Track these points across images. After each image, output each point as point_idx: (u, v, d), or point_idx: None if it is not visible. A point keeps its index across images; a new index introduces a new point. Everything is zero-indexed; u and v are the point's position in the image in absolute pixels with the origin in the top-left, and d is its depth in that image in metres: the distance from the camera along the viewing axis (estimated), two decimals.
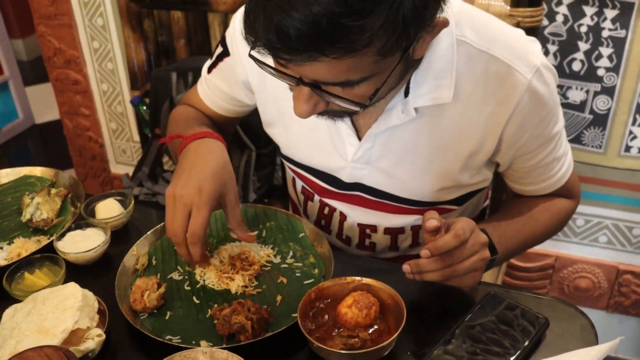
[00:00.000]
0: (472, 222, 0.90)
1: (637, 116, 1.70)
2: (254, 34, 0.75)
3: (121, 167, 2.42)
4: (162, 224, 1.10)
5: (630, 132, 1.72)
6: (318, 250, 1.05)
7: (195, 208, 0.94)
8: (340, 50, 0.72)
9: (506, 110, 0.95)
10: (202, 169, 0.98)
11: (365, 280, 0.91)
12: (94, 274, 1.06)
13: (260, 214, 1.13)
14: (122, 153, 2.39)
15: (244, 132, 1.74)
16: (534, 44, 0.97)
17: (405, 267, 0.90)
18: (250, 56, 0.83)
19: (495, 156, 1.03)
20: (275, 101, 1.10)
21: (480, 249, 0.90)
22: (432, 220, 0.87)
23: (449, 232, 0.87)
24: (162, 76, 1.76)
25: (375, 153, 1.03)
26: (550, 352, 0.82)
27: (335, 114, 0.89)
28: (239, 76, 1.13)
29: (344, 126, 1.02)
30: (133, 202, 1.16)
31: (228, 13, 1.72)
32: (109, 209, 1.15)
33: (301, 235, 1.08)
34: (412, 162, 1.03)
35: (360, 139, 1.03)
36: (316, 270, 1.01)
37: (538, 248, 1.97)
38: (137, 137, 2.30)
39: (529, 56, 0.94)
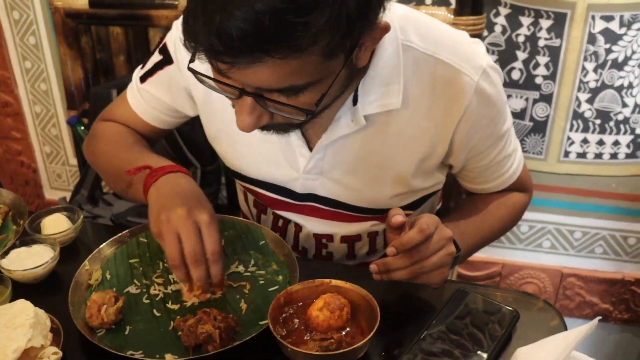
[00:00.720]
0: (435, 217, 0.90)
1: (574, 122, 1.76)
2: (194, 39, 0.73)
3: (56, 192, 2.32)
4: (116, 236, 1.06)
5: (569, 138, 1.78)
6: (280, 256, 1.02)
7: (206, 226, 0.90)
8: (284, 50, 0.70)
9: (455, 113, 0.95)
10: (193, 198, 0.95)
11: (335, 282, 0.89)
12: (43, 292, 1.00)
13: (218, 223, 1.10)
14: (57, 178, 2.29)
15: (188, 149, 1.70)
16: (478, 45, 0.98)
17: (373, 266, 0.88)
18: (190, 69, 0.79)
19: (447, 159, 1.04)
20: (221, 114, 1.06)
21: (446, 243, 0.90)
22: (397, 216, 0.86)
23: (413, 228, 0.86)
24: (102, 94, 1.70)
25: (327, 163, 1.02)
26: (524, 343, 0.83)
27: (279, 127, 0.87)
28: (182, 85, 1.08)
29: (294, 137, 1.00)
30: (81, 216, 1.10)
31: (169, 28, 1.68)
32: (57, 225, 1.09)
33: (261, 242, 1.05)
34: (365, 171, 1.02)
35: (311, 149, 1.01)
36: (280, 277, 0.98)
37: (485, 256, 2.00)
38: (73, 161, 2.21)
39: (474, 58, 0.95)
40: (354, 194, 1.05)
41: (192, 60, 0.79)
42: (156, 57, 1.11)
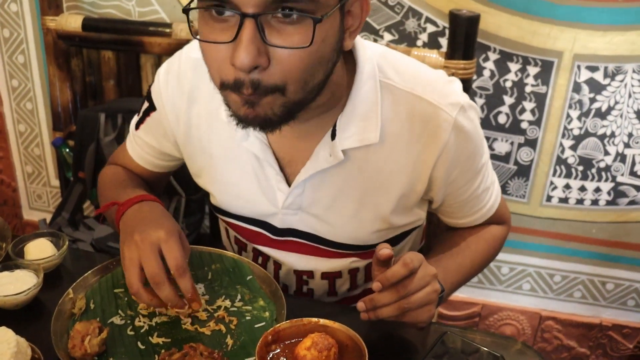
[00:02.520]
0: (419, 254, 0.91)
1: (558, 168, 1.79)
2: None
3: (35, 213, 2.29)
4: (98, 266, 1.04)
5: (551, 183, 1.81)
6: (267, 293, 1.02)
7: (164, 243, 0.91)
8: None
9: (434, 150, 0.96)
10: (152, 221, 0.95)
11: (323, 321, 0.88)
12: (24, 319, 0.97)
13: (206, 256, 1.09)
14: (37, 198, 2.26)
15: (174, 178, 1.70)
16: (454, 83, 1.00)
17: (360, 304, 0.89)
18: (185, 10, 0.80)
19: (427, 195, 1.04)
20: (202, 151, 1.07)
21: (430, 280, 0.90)
22: (385, 249, 0.87)
23: (397, 263, 0.87)
24: (90, 117, 1.69)
25: (306, 199, 1.02)
26: None
27: (270, 90, 0.81)
28: (167, 129, 1.10)
29: (272, 173, 1.01)
30: (67, 242, 1.09)
31: (162, 55, 1.69)
32: (41, 250, 1.07)
33: (249, 277, 1.05)
34: (344, 207, 1.02)
35: (289, 185, 1.01)
36: (267, 313, 0.97)
37: (465, 296, 2.01)
38: (54, 182, 2.19)
39: (451, 95, 0.97)
40: (333, 230, 1.05)
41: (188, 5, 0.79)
42: (145, 105, 1.13)
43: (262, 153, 0.99)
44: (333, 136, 0.95)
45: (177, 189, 1.70)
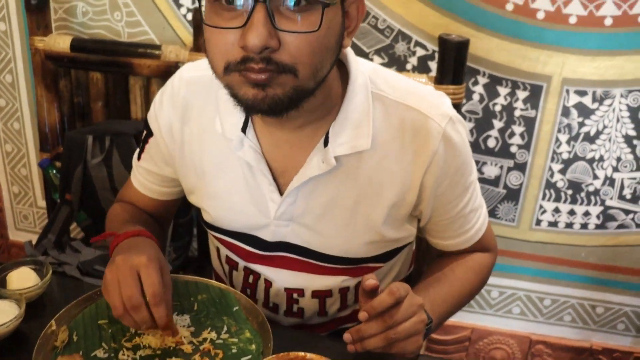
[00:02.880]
0: (405, 284, 0.91)
1: (547, 192, 1.79)
2: None
3: (21, 233, 2.26)
4: (84, 295, 1.03)
5: (541, 207, 1.81)
6: (253, 324, 1.00)
7: (144, 268, 0.90)
8: None
9: (424, 158, 0.98)
10: (138, 249, 0.96)
11: (310, 355, 0.87)
12: (5, 351, 0.95)
13: (192, 286, 1.08)
14: (23, 219, 2.24)
15: None
16: (444, 97, 1.03)
17: (347, 336, 0.89)
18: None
19: (416, 209, 1.05)
20: (194, 168, 1.08)
21: (417, 310, 0.91)
22: (371, 280, 0.88)
23: (383, 292, 0.87)
24: (77, 139, 1.68)
25: (298, 208, 1.02)
26: None
27: (281, 70, 0.83)
28: (164, 152, 1.12)
29: (265, 182, 1.01)
30: (50, 271, 1.07)
31: (151, 77, 1.68)
32: (23, 279, 1.06)
33: (235, 308, 1.03)
34: (336, 216, 1.02)
35: (282, 195, 1.02)
36: (253, 346, 0.96)
37: (455, 320, 1.99)
38: (41, 203, 2.16)
39: (441, 107, 1.00)
40: (325, 241, 1.05)
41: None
42: (144, 133, 1.16)
43: (255, 162, 1.00)
44: (326, 143, 0.96)
45: (172, 215, 1.68)
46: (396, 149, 0.98)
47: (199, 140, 1.06)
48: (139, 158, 1.19)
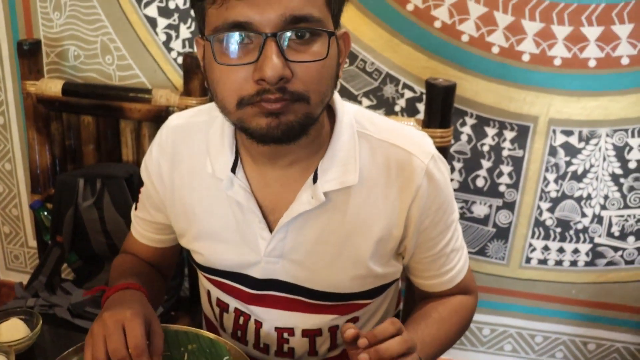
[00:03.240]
0: (398, 321, 0.91)
1: (536, 230, 1.80)
2: None
3: (12, 273, 2.26)
4: (76, 347, 1.02)
5: (530, 245, 1.82)
6: None
7: (128, 322, 0.92)
8: None
9: (409, 194, 1.02)
10: (125, 303, 0.98)
11: None
12: None
13: (182, 336, 1.08)
14: (14, 259, 2.23)
15: None
16: (426, 137, 1.08)
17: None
18: (203, 37, 0.90)
19: (402, 244, 1.07)
20: (184, 211, 1.11)
21: (412, 347, 0.91)
22: (350, 329, 0.89)
23: (385, 321, 0.89)
24: (68, 182, 1.69)
25: (288, 244, 1.04)
26: None
27: (295, 99, 0.88)
28: (156, 199, 1.15)
29: (255, 220, 1.03)
30: (40, 322, 1.07)
31: (141, 121, 1.70)
32: (13, 330, 1.06)
33: (225, 358, 1.03)
34: (325, 251, 1.05)
35: (271, 231, 1.04)
36: None
37: (446, 357, 1.99)
38: (32, 243, 2.16)
39: (423, 145, 1.05)
40: (314, 276, 1.07)
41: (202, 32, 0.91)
42: (139, 186, 1.20)
43: (245, 200, 1.02)
44: (315, 180, 0.99)
45: (175, 263, 1.69)
46: (382, 184, 1.02)
47: (189, 183, 1.09)
48: (136, 208, 1.22)
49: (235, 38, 0.85)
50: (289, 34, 0.85)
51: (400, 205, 1.02)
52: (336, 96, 1.03)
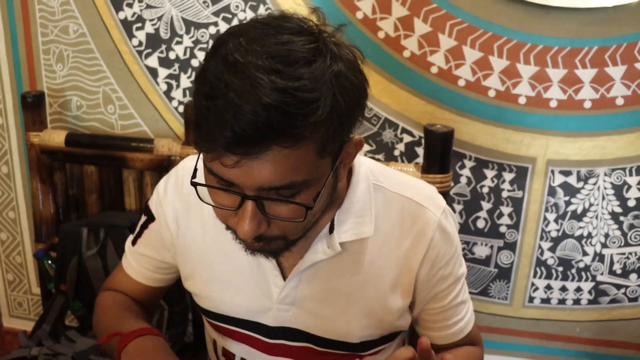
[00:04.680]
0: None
1: (538, 269, 1.81)
2: (208, 137, 0.80)
3: (16, 321, 2.26)
4: None
5: (532, 284, 1.83)
6: None
7: None
8: (288, 139, 0.79)
9: (422, 246, 1.05)
10: (157, 357, 0.99)
11: None
12: None
13: None
14: (17, 306, 2.24)
15: None
16: (435, 191, 1.12)
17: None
18: (193, 183, 0.89)
19: (413, 296, 1.09)
20: (197, 252, 1.12)
21: None
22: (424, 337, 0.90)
23: (400, 348, 0.90)
24: (72, 231, 1.70)
25: (300, 292, 1.06)
26: None
27: (272, 240, 0.92)
28: (166, 238, 1.15)
29: (269, 267, 1.05)
30: None
31: (143, 170, 1.72)
32: None
33: None
34: (337, 299, 1.06)
35: (285, 278, 1.06)
36: None
37: None
38: (35, 290, 2.17)
39: (435, 199, 1.08)
40: (325, 325, 1.08)
41: (194, 176, 0.90)
42: (142, 219, 1.19)
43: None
44: (331, 230, 1.01)
45: (160, 302, 1.69)
46: (396, 235, 1.04)
47: (202, 226, 1.10)
48: (133, 243, 1.21)
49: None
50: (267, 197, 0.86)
51: (413, 256, 1.05)
52: None
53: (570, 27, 1.56)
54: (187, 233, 1.12)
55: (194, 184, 0.90)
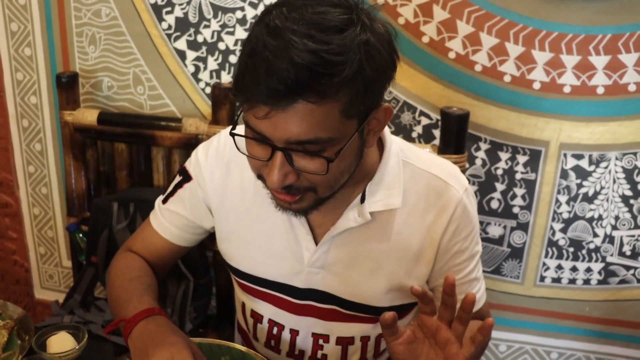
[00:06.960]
0: None
1: (549, 250, 1.87)
2: (244, 89, 0.90)
3: (46, 292, 2.36)
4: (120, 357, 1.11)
5: (544, 264, 1.89)
6: None
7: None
8: (314, 95, 0.86)
9: (444, 219, 1.13)
10: (161, 341, 1.01)
11: None
12: None
13: (215, 349, 1.16)
14: (48, 278, 2.33)
15: (182, 263, 1.77)
16: (459, 171, 1.19)
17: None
18: (232, 134, 0.99)
19: (432, 267, 1.17)
20: (235, 215, 1.19)
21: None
22: (388, 312, 0.99)
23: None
24: (103, 205, 1.78)
25: (330, 256, 1.14)
26: None
27: (303, 191, 0.99)
28: (201, 198, 1.22)
29: (303, 232, 1.13)
30: (86, 336, 1.16)
31: (172, 148, 1.79)
32: (62, 343, 1.15)
33: None
34: (364, 265, 1.15)
35: (317, 243, 1.14)
36: None
37: None
38: (66, 263, 2.26)
39: (459, 178, 1.17)
40: (351, 289, 1.17)
41: (233, 128, 0.99)
42: (176, 180, 1.26)
43: (295, 217, 1.11)
44: (362, 200, 1.10)
45: (186, 274, 1.77)
46: (422, 208, 1.13)
47: (241, 191, 1.18)
48: (164, 201, 1.27)
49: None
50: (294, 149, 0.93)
51: (436, 229, 1.14)
52: (385, 129, 1.13)
53: (585, 15, 1.61)
54: (225, 196, 1.20)
55: (233, 135, 0.99)
